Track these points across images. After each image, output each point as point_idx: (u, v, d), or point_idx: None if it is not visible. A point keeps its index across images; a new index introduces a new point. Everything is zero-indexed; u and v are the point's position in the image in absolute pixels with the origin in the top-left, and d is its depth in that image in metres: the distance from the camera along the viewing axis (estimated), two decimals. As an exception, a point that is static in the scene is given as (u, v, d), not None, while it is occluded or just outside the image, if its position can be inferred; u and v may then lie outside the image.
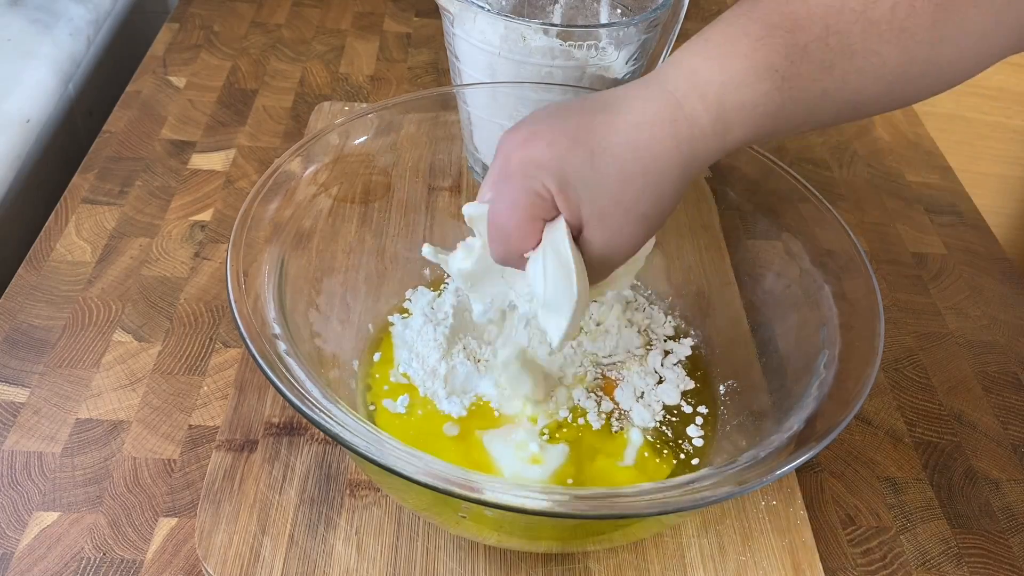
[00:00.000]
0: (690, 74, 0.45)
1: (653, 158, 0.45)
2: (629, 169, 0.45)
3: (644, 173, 0.45)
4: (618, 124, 0.45)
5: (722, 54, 0.45)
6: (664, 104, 0.45)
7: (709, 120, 0.45)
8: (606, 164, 0.45)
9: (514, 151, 0.46)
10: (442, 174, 0.65)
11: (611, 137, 0.45)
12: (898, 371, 0.68)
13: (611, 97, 0.47)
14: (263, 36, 0.97)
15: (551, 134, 0.45)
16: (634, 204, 0.46)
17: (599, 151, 0.45)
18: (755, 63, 0.44)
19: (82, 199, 0.75)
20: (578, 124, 0.46)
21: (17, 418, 0.58)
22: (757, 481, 0.42)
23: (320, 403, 0.43)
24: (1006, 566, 0.56)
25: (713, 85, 0.45)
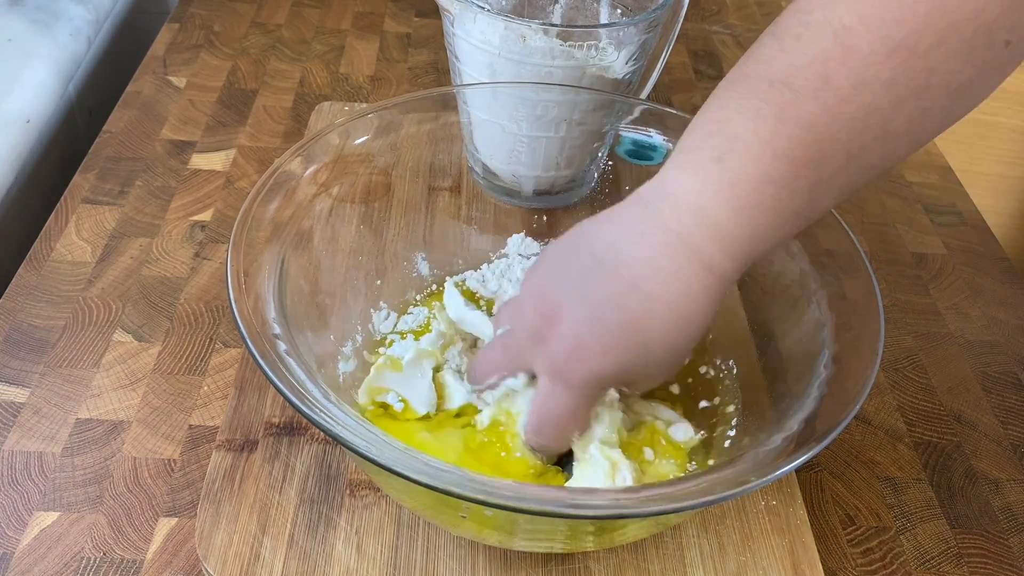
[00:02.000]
0: (716, 232, 0.44)
1: (694, 325, 0.46)
2: (678, 346, 0.46)
3: (688, 339, 0.46)
4: (657, 309, 0.45)
5: (748, 206, 0.43)
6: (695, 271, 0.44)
7: (736, 271, 0.45)
8: (658, 354, 0.46)
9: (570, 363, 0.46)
10: (442, 174, 0.65)
11: (654, 325, 0.45)
12: (898, 371, 0.68)
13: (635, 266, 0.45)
14: (263, 36, 0.97)
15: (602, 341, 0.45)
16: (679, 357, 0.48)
17: (650, 345, 0.45)
18: (780, 214, 0.44)
19: (82, 199, 0.75)
20: (618, 320, 0.45)
21: (17, 418, 0.58)
22: (757, 481, 0.42)
23: (320, 403, 0.43)
24: (1006, 566, 0.56)
25: (741, 244, 0.44)
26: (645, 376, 0.48)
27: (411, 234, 0.63)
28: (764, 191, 0.43)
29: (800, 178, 0.43)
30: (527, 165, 0.66)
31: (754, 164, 0.43)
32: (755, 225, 0.44)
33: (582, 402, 0.48)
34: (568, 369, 0.46)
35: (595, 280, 0.45)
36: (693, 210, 0.44)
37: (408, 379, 0.55)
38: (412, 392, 0.55)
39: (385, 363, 0.55)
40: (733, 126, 0.43)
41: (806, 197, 0.43)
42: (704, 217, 0.44)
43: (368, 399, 0.55)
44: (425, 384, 0.55)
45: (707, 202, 0.44)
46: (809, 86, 0.42)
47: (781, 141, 0.42)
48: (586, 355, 0.46)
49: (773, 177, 0.42)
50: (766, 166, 0.42)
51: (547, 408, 0.48)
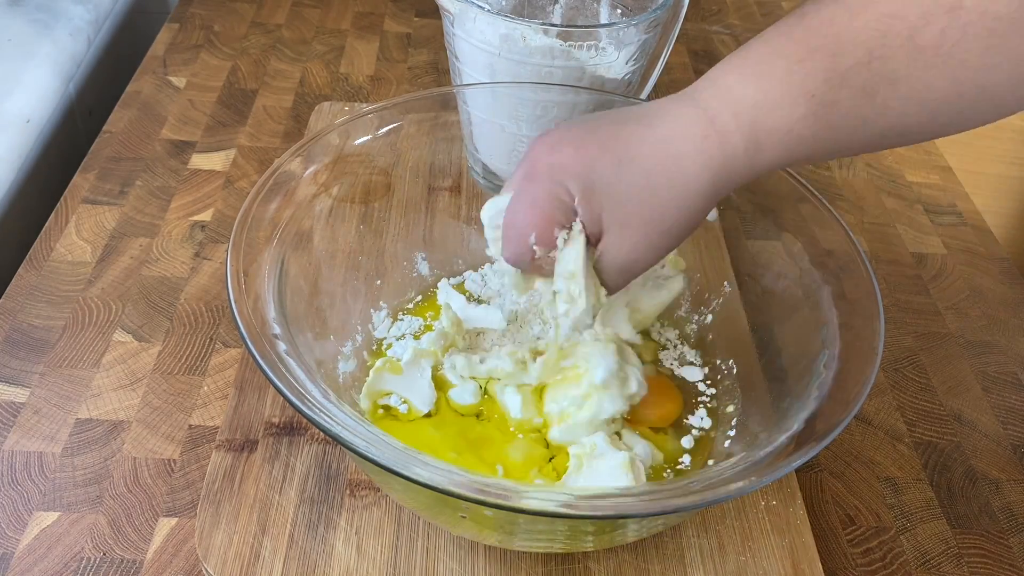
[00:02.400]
0: (724, 91, 0.45)
1: (681, 172, 0.45)
2: (655, 180, 0.45)
3: (670, 186, 0.45)
4: (648, 135, 0.45)
5: (758, 74, 0.44)
6: (696, 119, 0.45)
7: (741, 140, 0.44)
8: (632, 173, 0.45)
9: (541, 156, 0.46)
10: (442, 174, 0.65)
11: (640, 147, 0.45)
12: (898, 371, 0.68)
13: (643, 109, 0.47)
14: (263, 36, 0.97)
15: (580, 140, 0.45)
16: (657, 216, 0.45)
17: (626, 159, 0.45)
18: (791, 87, 0.43)
19: (82, 199, 0.75)
20: (608, 133, 0.45)
21: (17, 418, 0.58)
22: (757, 481, 0.42)
23: (320, 403, 0.43)
24: (1006, 566, 0.56)
25: (747, 105, 0.44)
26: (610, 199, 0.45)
27: (411, 234, 0.63)
28: (774, 63, 0.44)
29: (813, 59, 0.43)
30: (527, 165, 0.66)
31: (769, 44, 0.44)
32: (762, 90, 0.44)
33: (540, 196, 0.46)
34: (538, 160, 0.46)
35: (605, 114, 0.47)
36: (708, 78, 0.46)
37: (407, 379, 0.55)
38: (412, 392, 0.55)
39: (383, 366, 0.55)
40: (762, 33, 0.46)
41: (820, 79, 0.43)
42: (715, 81, 0.45)
43: (370, 402, 0.55)
44: (424, 383, 0.55)
45: (720, 73, 0.46)
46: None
47: (798, 30, 0.44)
48: (559, 147, 0.45)
49: (785, 53, 0.44)
50: (780, 46, 0.44)
51: (510, 208, 0.48)
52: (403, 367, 0.55)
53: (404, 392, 0.55)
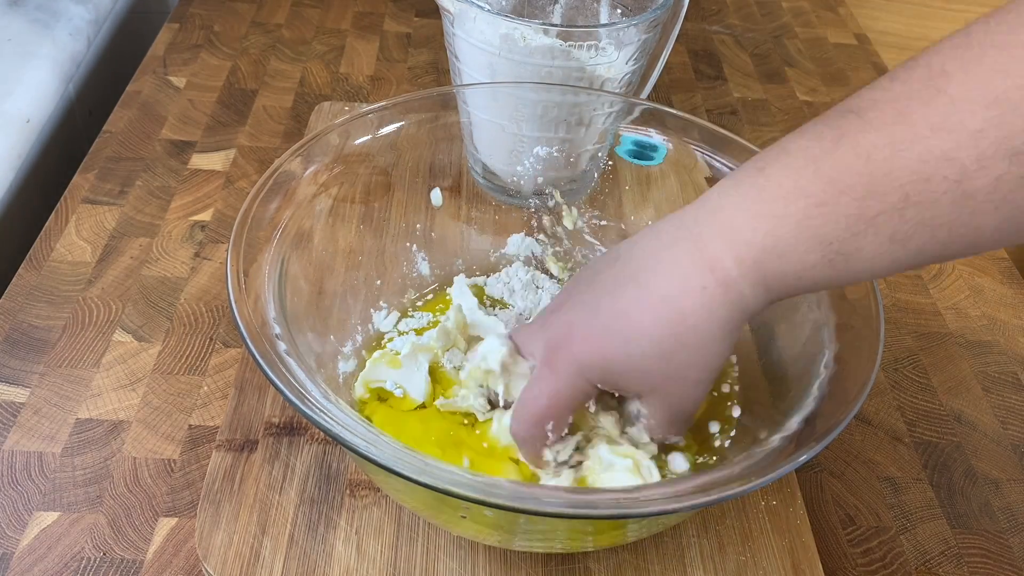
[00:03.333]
0: (727, 231, 0.41)
1: (689, 329, 0.42)
2: (667, 347, 0.43)
3: (684, 346, 0.43)
4: (646, 299, 0.43)
5: (772, 213, 0.39)
6: (693, 270, 0.41)
7: (747, 286, 0.41)
8: (643, 348, 0.43)
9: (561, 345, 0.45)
10: (442, 174, 0.65)
11: (642, 316, 0.43)
12: (898, 371, 0.68)
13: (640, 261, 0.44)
14: (263, 36, 0.97)
15: (587, 327, 0.44)
16: (683, 373, 0.44)
17: (633, 337, 0.43)
18: (806, 232, 0.39)
19: (82, 199, 0.75)
20: (611, 308, 0.43)
21: (17, 418, 0.58)
22: (757, 481, 0.42)
23: (320, 403, 0.43)
24: (1006, 566, 0.56)
25: (752, 250, 0.40)
26: (636, 380, 0.45)
27: (411, 234, 0.63)
28: (793, 202, 0.39)
29: (838, 204, 0.38)
30: (527, 165, 0.66)
31: (791, 175, 0.39)
32: (772, 235, 0.40)
33: (561, 389, 0.46)
34: (555, 351, 0.45)
35: (606, 272, 0.45)
36: (713, 208, 0.42)
37: (404, 372, 0.55)
38: (408, 383, 0.55)
39: (381, 357, 0.56)
40: (787, 144, 0.41)
41: (842, 226, 0.38)
42: (721, 215, 0.41)
43: (364, 390, 0.55)
44: (421, 377, 0.55)
45: (729, 203, 0.41)
46: (881, 118, 0.38)
47: (829, 162, 0.38)
48: (571, 339, 0.45)
49: (808, 192, 0.39)
50: (804, 180, 0.39)
51: (529, 390, 0.47)
52: (401, 361, 0.55)
53: (400, 382, 0.55)
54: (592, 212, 0.66)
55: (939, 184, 0.37)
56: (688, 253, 0.42)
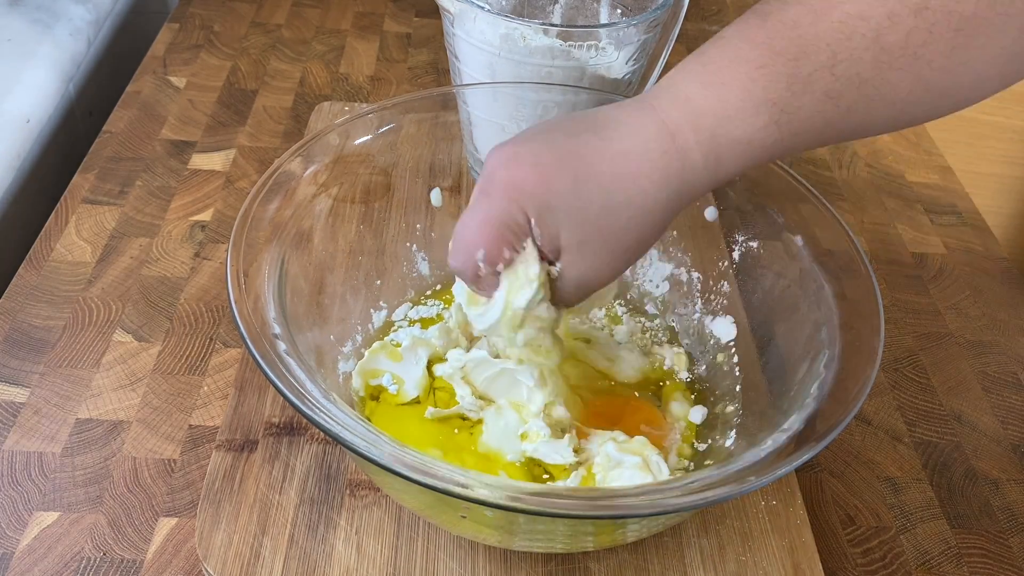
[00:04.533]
0: (684, 102, 0.43)
1: (640, 191, 0.43)
2: (614, 199, 0.43)
3: (629, 204, 0.43)
4: (606, 150, 0.43)
5: (719, 82, 0.43)
6: (655, 133, 0.43)
7: (701, 154, 0.43)
8: (590, 192, 0.43)
9: (498, 169, 0.44)
10: (442, 174, 0.65)
11: (598, 164, 0.43)
12: (898, 371, 0.68)
13: (602, 118, 0.45)
14: (263, 36, 0.97)
15: (537, 156, 0.44)
16: (616, 236, 0.44)
17: (584, 177, 0.43)
18: (752, 95, 0.42)
19: (82, 199, 0.75)
20: (565, 147, 0.44)
21: (17, 418, 0.58)
22: (757, 481, 0.42)
23: (320, 403, 0.43)
24: (1006, 566, 0.56)
25: (707, 117, 0.43)
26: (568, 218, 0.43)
27: (411, 234, 0.63)
28: (735, 69, 0.43)
29: (775, 63, 0.42)
30: (527, 165, 0.66)
31: (729, 49, 0.43)
32: (723, 101, 0.43)
33: (493, 215, 0.44)
34: (494, 176, 0.44)
35: (563, 122, 0.46)
36: (667, 86, 0.45)
37: (402, 365, 0.56)
38: (406, 375, 0.56)
39: (381, 348, 0.56)
40: (722, 32, 0.45)
41: (782, 85, 0.42)
42: (675, 90, 0.44)
43: (362, 381, 0.56)
44: (419, 370, 0.56)
45: (680, 79, 0.44)
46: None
47: (760, 33, 0.43)
48: (516, 164, 0.44)
49: (747, 58, 0.43)
50: (741, 50, 0.43)
51: (462, 220, 0.46)
52: (402, 354, 0.56)
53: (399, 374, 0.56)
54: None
55: (859, 41, 0.41)
56: (652, 120, 0.44)
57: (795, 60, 0.42)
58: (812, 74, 0.42)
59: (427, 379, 0.56)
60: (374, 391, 0.57)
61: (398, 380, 0.56)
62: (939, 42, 0.41)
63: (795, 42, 0.42)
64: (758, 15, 0.44)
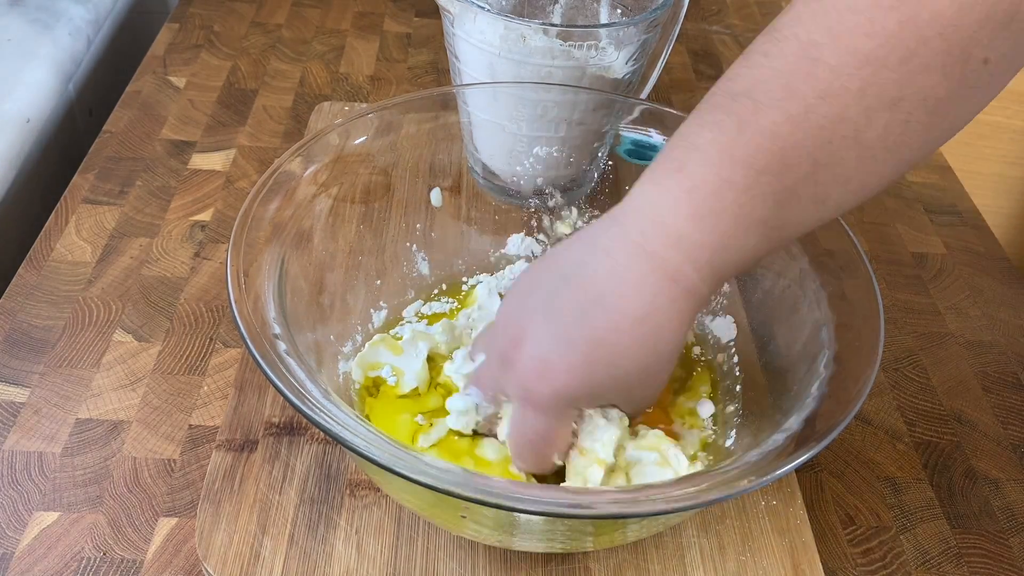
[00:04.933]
0: (678, 239, 0.43)
1: (664, 342, 0.45)
2: (646, 362, 0.45)
3: (659, 357, 0.45)
4: (623, 324, 0.44)
5: (708, 212, 0.43)
6: (661, 287, 0.44)
7: (704, 285, 0.44)
8: (626, 369, 0.45)
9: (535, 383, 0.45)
10: (442, 174, 0.65)
11: (621, 341, 0.44)
12: (898, 371, 0.68)
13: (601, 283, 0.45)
14: (263, 36, 0.97)
15: (567, 360, 0.45)
16: (655, 376, 0.47)
17: (616, 362, 0.45)
18: (743, 220, 0.43)
19: (82, 199, 0.75)
20: (586, 337, 0.44)
21: (17, 418, 0.58)
22: (757, 481, 0.42)
23: (320, 403, 0.43)
24: (1006, 566, 0.56)
25: (704, 251, 0.43)
26: (619, 394, 0.47)
27: (411, 234, 0.63)
28: (723, 196, 0.42)
29: (761, 184, 0.42)
30: (527, 165, 0.66)
31: (711, 170, 0.42)
32: (717, 232, 0.43)
33: (554, 423, 0.47)
34: (535, 391, 0.45)
35: (560, 297, 0.45)
36: (654, 220, 0.44)
37: (403, 357, 0.56)
38: (406, 367, 0.56)
39: (381, 341, 0.56)
40: (694, 139, 0.43)
41: (770, 203, 0.42)
42: (665, 226, 0.43)
43: (362, 373, 0.56)
44: (419, 363, 0.56)
45: (667, 211, 0.43)
46: (772, 97, 0.41)
47: (740, 148, 0.42)
48: (552, 375, 0.45)
49: (732, 182, 0.42)
50: (724, 171, 0.42)
51: (522, 433, 0.48)
52: (402, 346, 0.57)
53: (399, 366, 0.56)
54: (592, 212, 0.66)
55: (840, 144, 0.41)
56: (652, 271, 0.44)
57: (779, 176, 0.42)
58: (797, 185, 0.42)
59: (427, 372, 0.56)
60: (373, 383, 0.57)
61: (398, 372, 0.56)
62: (916, 128, 0.41)
63: (777, 156, 0.41)
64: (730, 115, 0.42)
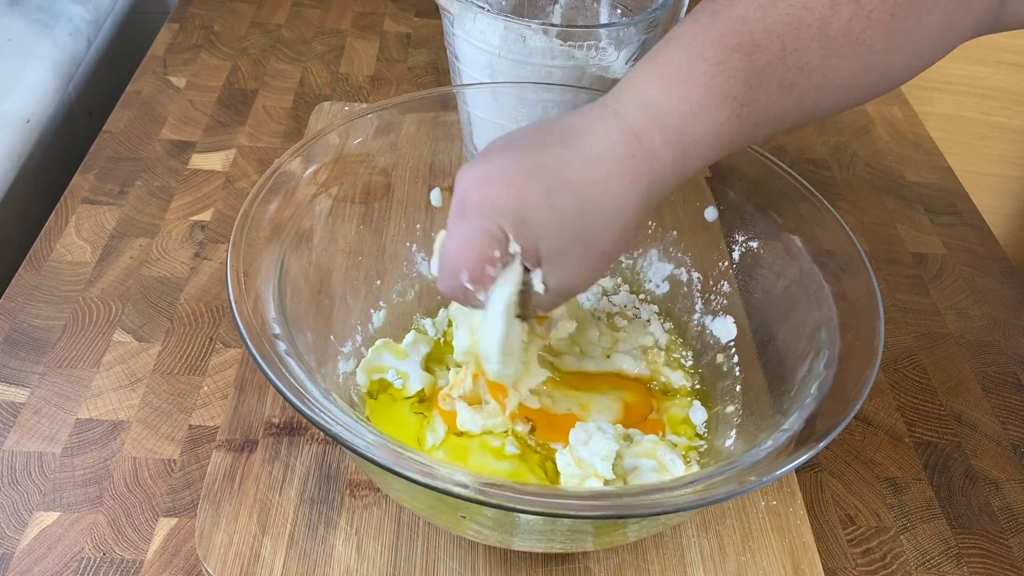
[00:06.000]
0: (647, 104, 0.44)
1: (612, 195, 0.44)
2: (588, 208, 0.44)
3: (603, 211, 0.44)
4: (575, 160, 0.44)
5: (680, 81, 0.44)
6: (622, 138, 0.44)
7: (668, 153, 0.44)
8: (564, 203, 0.44)
9: (471, 190, 0.44)
10: (442, 174, 0.65)
11: (569, 175, 0.44)
12: (898, 371, 0.68)
13: (568, 128, 0.45)
14: (263, 36, 0.97)
15: (508, 172, 0.44)
16: (593, 242, 0.45)
17: (556, 189, 0.44)
18: (713, 91, 0.44)
19: (82, 199, 0.75)
20: (535, 161, 0.44)
21: (17, 418, 0.58)
22: (757, 481, 0.42)
23: (320, 403, 0.43)
24: (1006, 566, 0.56)
25: (672, 117, 0.44)
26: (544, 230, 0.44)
27: (411, 234, 0.63)
28: (695, 68, 0.44)
29: (732, 60, 0.44)
30: (527, 165, 0.66)
31: (685, 49, 0.45)
32: (686, 99, 0.44)
33: (471, 236, 0.44)
34: (467, 197, 0.44)
35: (527, 135, 0.46)
36: (628, 89, 0.46)
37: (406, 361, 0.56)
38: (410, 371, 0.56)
39: (384, 345, 0.57)
40: (673, 32, 0.46)
41: (741, 79, 0.44)
42: (637, 92, 0.45)
43: (366, 378, 0.57)
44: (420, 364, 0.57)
45: (640, 82, 0.46)
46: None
47: (713, 31, 0.44)
48: (488, 182, 0.44)
49: (704, 56, 0.44)
50: (697, 48, 0.44)
51: (445, 243, 0.46)
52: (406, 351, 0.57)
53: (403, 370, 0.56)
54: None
55: (806, 31, 0.44)
56: (617, 125, 0.45)
57: (749, 54, 0.44)
58: (767, 66, 0.44)
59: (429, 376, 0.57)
60: (377, 386, 0.57)
61: (403, 375, 0.57)
62: (878, 27, 0.44)
63: (747, 36, 0.44)
64: (707, 13, 0.45)
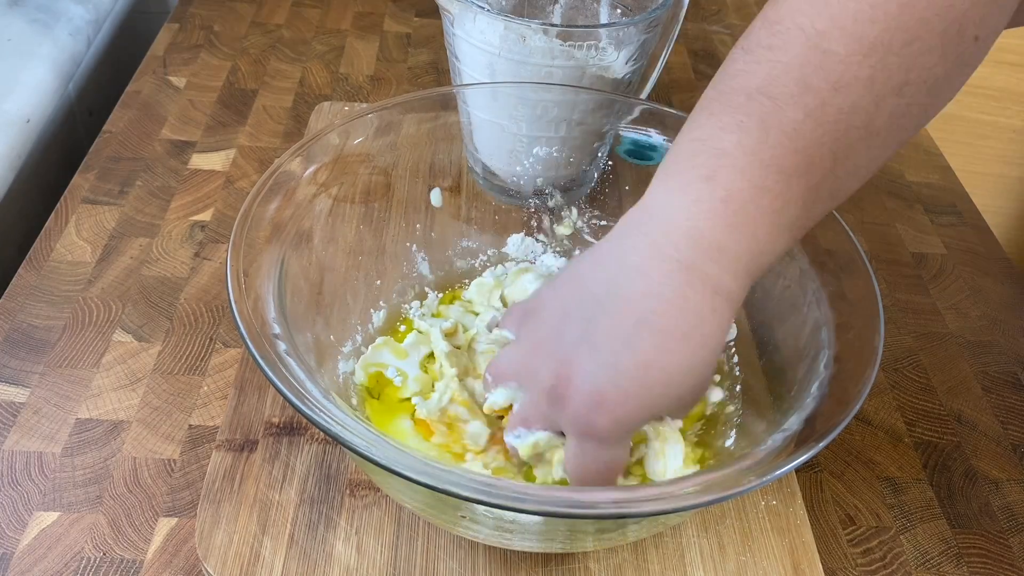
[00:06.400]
0: (718, 252, 0.43)
1: (709, 349, 0.44)
2: (699, 372, 0.45)
3: (706, 364, 0.45)
4: (671, 343, 0.43)
5: (746, 222, 0.42)
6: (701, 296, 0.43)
7: (742, 290, 0.44)
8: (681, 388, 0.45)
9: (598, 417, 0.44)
10: (442, 174, 0.65)
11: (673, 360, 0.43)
12: (898, 371, 0.68)
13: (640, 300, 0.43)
14: (263, 36, 0.97)
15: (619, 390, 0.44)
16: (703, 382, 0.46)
17: (673, 382, 0.44)
18: (778, 226, 0.43)
19: (82, 199, 0.75)
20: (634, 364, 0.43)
21: (17, 418, 0.58)
22: (757, 481, 0.42)
23: (320, 403, 0.43)
24: (1006, 566, 0.56)
25: (742, 260, 0.43)
26: (674, 407, 0.47)
27: (411, 234, 0.63)
28: (759, 203, 0.42)
29: (792, 187, 0.42)
30: (527, 165, 0.66)
31: (743, 177, 0.42)
32: (754, 239, 0.43)
33: (616, 451, 0.46)
34: (595, 424, 0.44)
35: (599, 324, 0.44)
36: (688, 233, 0.43)
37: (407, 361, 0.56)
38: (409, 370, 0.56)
39: (384, 344, 0.57)
40: (716, 143, 0.42)
41: (799, 204, 0.43)
42: (701, 239, 0.42)
43: (364, 375, 0.57)
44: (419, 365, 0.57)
45: (702, 223, 0.42)
46: (788, 92, 0.41)
47: (767, 151, 0.41)
48: (608, 406, 0.44)
49: (765, 187, 0.42)
50: (756, 178, 0.42)
51: (583, 466, 0.46)
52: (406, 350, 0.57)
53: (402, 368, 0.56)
54: (592, 212, 0.66)
55: (855, 134, 0.41)
56: (691, 285, 0.43)
57: (805, 176, 0.42)
58: (820, 183, 0.42)
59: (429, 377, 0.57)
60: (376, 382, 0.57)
61: (402, 374, 0.57)
62: (915, 111, 0.42)
63: (803, 156, 0.42)
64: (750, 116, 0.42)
